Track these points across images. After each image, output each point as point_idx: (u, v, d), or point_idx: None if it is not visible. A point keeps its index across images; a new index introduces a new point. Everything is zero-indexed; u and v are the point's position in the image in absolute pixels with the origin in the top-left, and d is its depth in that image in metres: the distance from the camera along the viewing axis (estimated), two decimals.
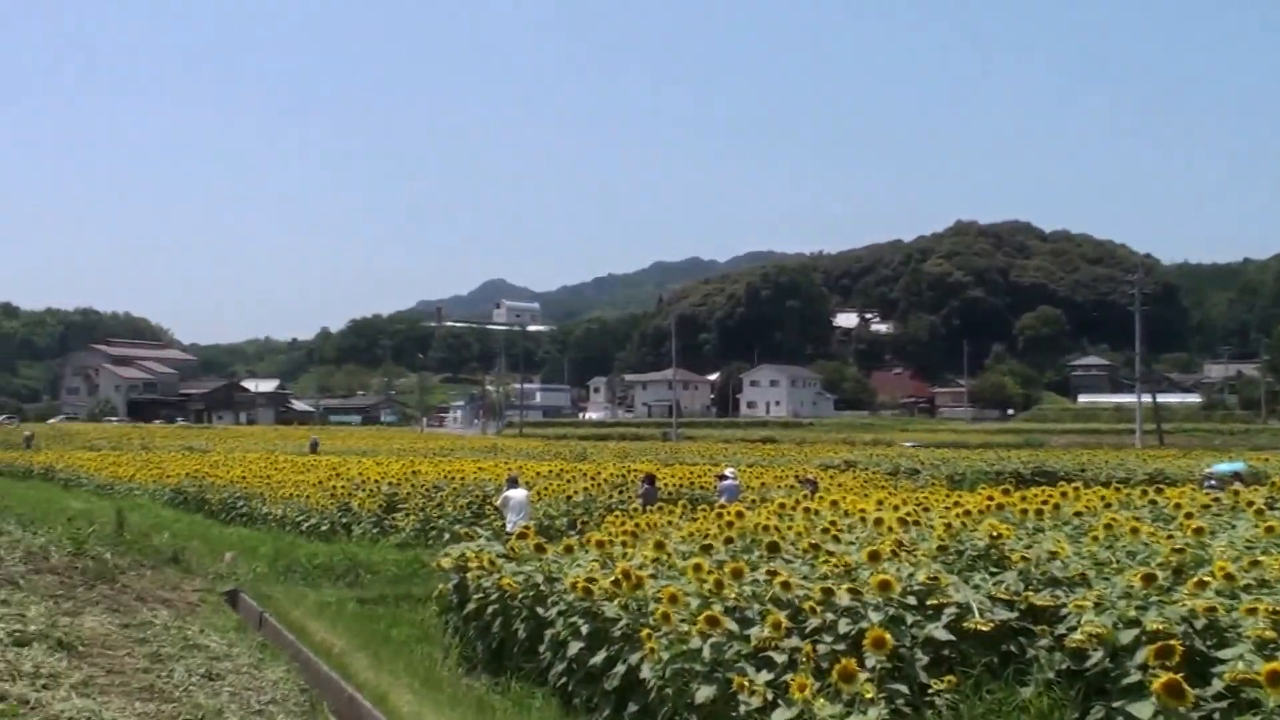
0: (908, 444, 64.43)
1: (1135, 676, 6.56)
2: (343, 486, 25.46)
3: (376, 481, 26.07)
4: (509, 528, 17.83)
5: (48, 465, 45.56)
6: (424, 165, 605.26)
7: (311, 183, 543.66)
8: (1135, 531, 9.43)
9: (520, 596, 10.57)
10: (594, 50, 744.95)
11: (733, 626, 7.63)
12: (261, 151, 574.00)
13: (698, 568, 8.63)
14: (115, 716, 6.49)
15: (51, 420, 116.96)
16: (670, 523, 13.44)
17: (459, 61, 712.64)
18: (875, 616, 7.50)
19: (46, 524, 17.14)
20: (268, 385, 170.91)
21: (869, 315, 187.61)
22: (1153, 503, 12.94)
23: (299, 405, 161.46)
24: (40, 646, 8.07)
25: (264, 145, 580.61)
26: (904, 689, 7.07)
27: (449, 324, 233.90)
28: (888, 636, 6.83)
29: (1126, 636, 6.91)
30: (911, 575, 8.22)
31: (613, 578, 9.07)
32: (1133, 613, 7.08)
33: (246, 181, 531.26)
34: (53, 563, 12.59)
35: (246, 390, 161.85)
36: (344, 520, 23.44)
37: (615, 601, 8.89)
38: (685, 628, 7.73)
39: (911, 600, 7.87)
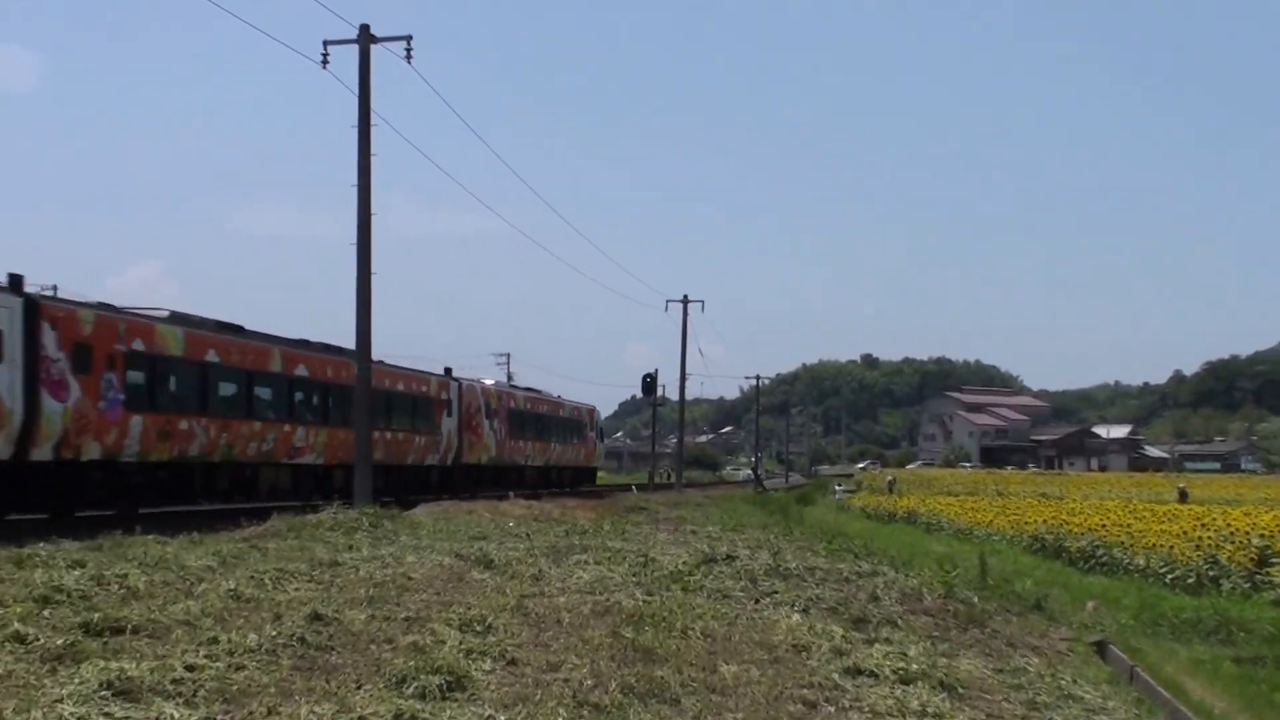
0: None
1: None
2: (1209, 538, 24.15)
3: (1246, 533, 24.37)
4: None
5: (910, 509, 48.18)
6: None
7: (1165, 221, 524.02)
8: None
9: None
10: None
11: None
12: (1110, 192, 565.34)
13: None
14: None
15: (910, 466, 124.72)
16: None
17: None
18: None
19: (915, 566, 18.18)
20: (1119, 431, 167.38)
21: None
22: None
23: (1152, 451, 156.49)
24: (923, 685, 8.49)
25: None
26: None
27: None
28: None
29: None
30: None
31: None
32: None
33: (1090, 230, 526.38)
34: (925, 604, 13.26)
35: (1098, 436, 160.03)
36: (1211, 573, 22.20)
37: None
38: None
39: None
